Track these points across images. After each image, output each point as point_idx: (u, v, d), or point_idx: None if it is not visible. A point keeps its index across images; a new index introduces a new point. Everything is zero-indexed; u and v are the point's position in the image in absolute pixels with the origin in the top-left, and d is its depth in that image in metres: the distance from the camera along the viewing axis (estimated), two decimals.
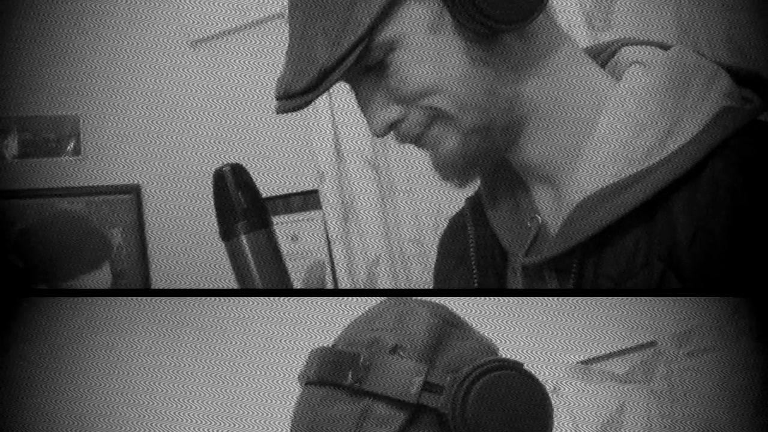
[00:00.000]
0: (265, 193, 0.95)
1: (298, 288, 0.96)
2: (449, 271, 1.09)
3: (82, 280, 2.41)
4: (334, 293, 1.11)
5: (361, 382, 0.77)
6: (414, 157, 2.47)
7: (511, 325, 1.57)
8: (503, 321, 1.55)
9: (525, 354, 0.90)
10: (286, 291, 0.94)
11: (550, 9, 0.91)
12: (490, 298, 1.52)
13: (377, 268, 2.43)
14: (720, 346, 1.59)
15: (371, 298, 0.88)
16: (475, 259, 1.01)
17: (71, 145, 2.81)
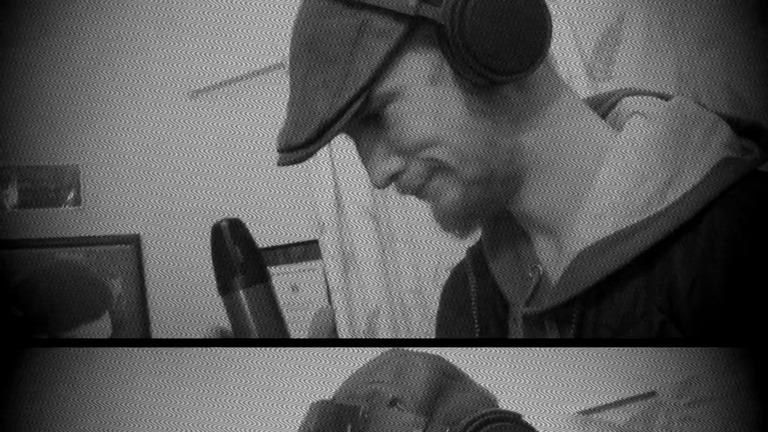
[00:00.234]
0: (265, 243, 0.95)
1: (298, 338, 0.96)
2: (451, 321, 1.08)
3: (82, 330, 2.41)
4: (334, 343, 1.11)
5: None
6: (414, 208, 2.48)
7: (512, 375, 1.56)
8: (504, 371, 1.55)
9: (525, 404, 0.89)
10: (286, 341, 0.93)
11: (549, 59, 0.91)
12: (490, 348, 1.52)
13: (377, 319, 2.42)
14: (719, 397, 1.59)
15: (371, 349, 0.88)
16: (476, 309, 1.01)
17: (71, 195, 2.81)
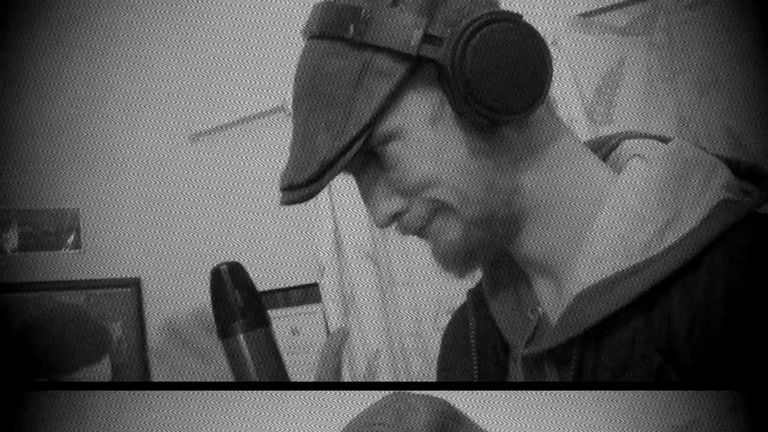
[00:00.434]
0: (265, 286, 0.94)
1: (298, 381, 0.95)
2: (452, 364, 1.08)
3: (82, 374, 2.40)
4: (335, 386, 1.11)
5: None
6: (414, 251, 2.48)
7: (511, 419, 1.56)
8: (503, 414, 1.54)
9: None
10: (286, 384, 0.93)
11: (550, 101, 0.91)
12: (489, 392, 1.51)
13: (377, 362, 2.41)
14: None
15: (371, 392, 0.88)
16: (476, 351, 1.00)
17: (71, 239, 2.81)
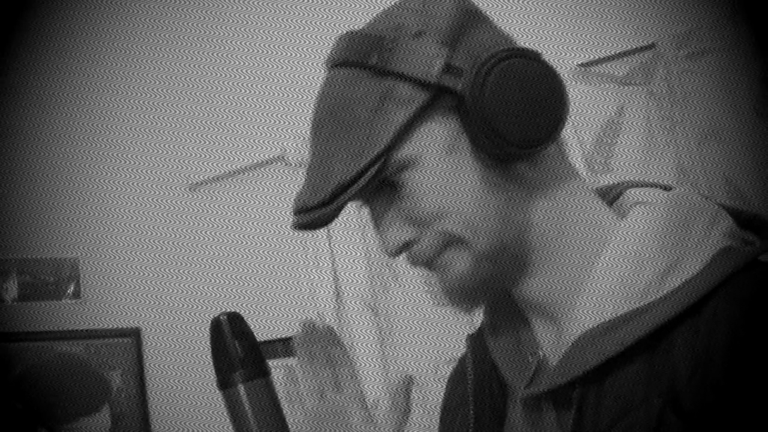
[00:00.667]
0: (264, 336, 0.94)
1: None
2: (453, 410, 1.08)
3: (81, 423, 2.39)
4: None
5: None
6: (413, 301, 2.49)
7: None
8: None
9: None
10: None
11: (562, 143, 0.93)
12: None
13: (377, 412, 2.41)
14: None
15: None
16: (473, 395, 1.00)
17: (71, 288, 2.81)
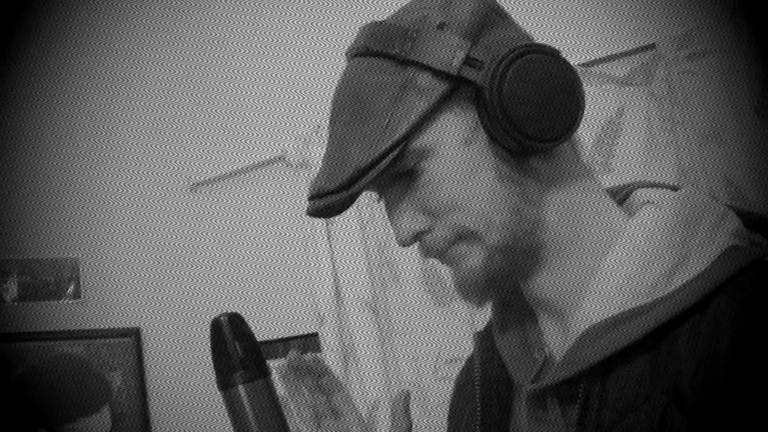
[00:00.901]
0: (264, 336, 0.94)
1: None
2: (461, 408, 1.09)
3: (81, 424, 2.39)
4: None
5: None
6: (413, 301, 2.49)
7: None
8: None
9: None
10: None
11: (576, 141, 0.94)
12: None
13: (377, 412, 2.42)
14: None
15: None
16: (480, 391, 1.01)
17: (71, 288, 2.81)
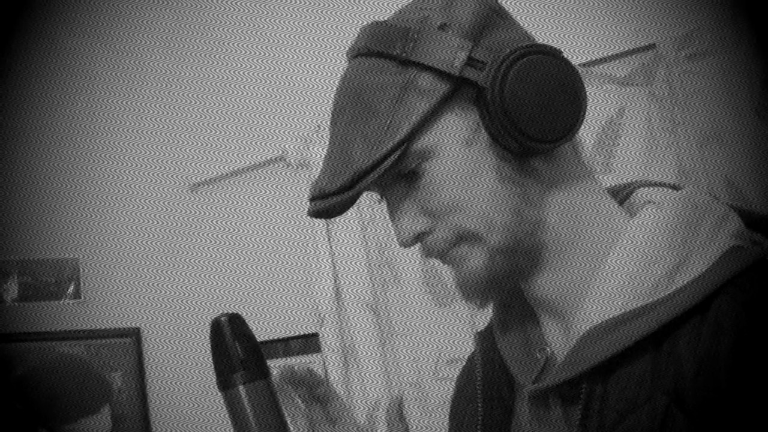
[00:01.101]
0: (264, 336, 0.94)
1: None
2: (462, 407, 1.09)
3: (81, 424, 2.39)
4: None
5: None
6: (413, 301, 2.49)
7: None
8: None
9: None
10: None
11: (577, 142, 0.94)
12: None
13: (377, 412, 2.42)
14: None
15: None
16: (481, 392, 1.01)
17: (71, 289, 2.81)
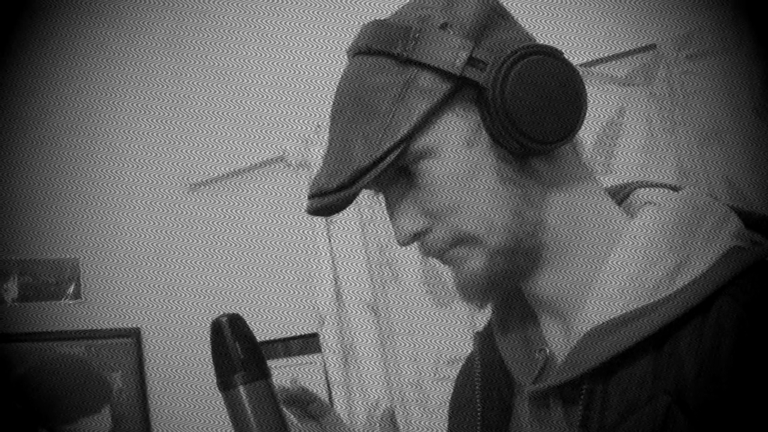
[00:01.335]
0: (264, 336, 0.93)
1: None
2: (461, 406, 1.09)
3: (82, 424, 2.40)
4: None
5: None
6: (413, 301, 2.49)
7: None
8: None
9: None
10: None
11: (577, 143, 0.94)
12: None
13: (377, 412, 2.41)
14: None
15: None
16: (480, 392, 1.01)
17: (71, 289, 2.81)
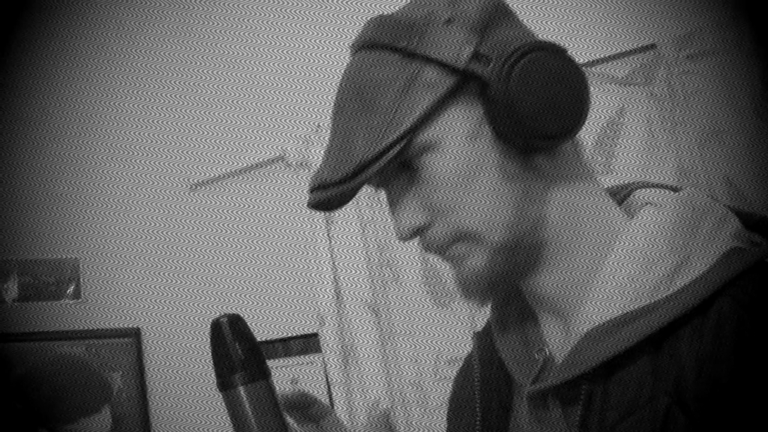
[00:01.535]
0: (264, 336, 0.93)
1: None
2: (460, 406, 1.09)
3: (81, 424, 2.40)
4: None
5: None
6: (413, 301, 2.49)
7: None
8: None
9: None
10: None
11: (578, 142, 0.94)
12: None
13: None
14: None
15: None
16: (479, 392, 1.01)
17: (71, 289, 2.81)
